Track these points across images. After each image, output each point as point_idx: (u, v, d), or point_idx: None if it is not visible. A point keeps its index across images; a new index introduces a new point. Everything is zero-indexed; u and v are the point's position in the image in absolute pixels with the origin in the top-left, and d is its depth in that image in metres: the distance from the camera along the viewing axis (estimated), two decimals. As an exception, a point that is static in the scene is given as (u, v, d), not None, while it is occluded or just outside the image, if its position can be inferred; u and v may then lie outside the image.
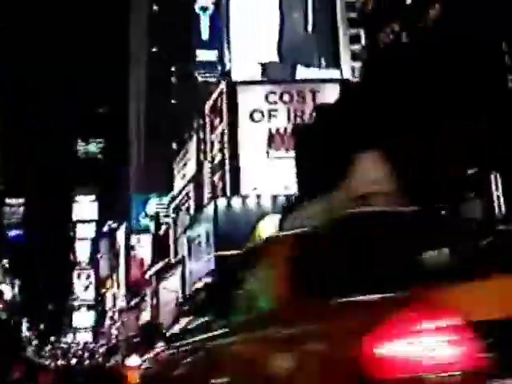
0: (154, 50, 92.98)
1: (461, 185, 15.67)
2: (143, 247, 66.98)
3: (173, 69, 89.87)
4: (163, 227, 57.87)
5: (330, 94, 35.57)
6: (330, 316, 2.44)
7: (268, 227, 36.86)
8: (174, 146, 79.77)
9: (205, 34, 47.12)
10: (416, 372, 2.00)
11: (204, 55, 45.68)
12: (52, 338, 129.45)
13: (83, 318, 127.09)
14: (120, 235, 77.11)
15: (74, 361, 64.78)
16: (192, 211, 46.66)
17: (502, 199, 14.56)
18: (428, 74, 16.40)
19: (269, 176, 38.66)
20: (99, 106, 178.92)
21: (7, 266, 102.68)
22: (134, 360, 18.24)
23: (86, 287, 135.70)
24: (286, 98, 41.77)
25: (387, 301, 2.23)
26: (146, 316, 57.30)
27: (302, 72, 44.73)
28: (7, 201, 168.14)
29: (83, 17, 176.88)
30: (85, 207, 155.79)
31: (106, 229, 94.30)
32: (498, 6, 15.26)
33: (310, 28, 47.62)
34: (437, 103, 16.08)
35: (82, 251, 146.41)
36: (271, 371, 2.59)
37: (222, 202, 38.55)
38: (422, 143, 16.15)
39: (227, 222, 37.32)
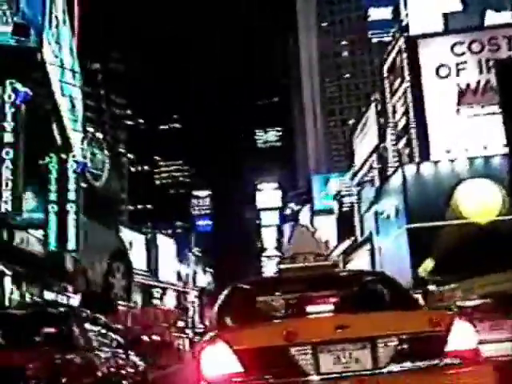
0: (323, 24, 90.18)
1: None
2: (326, 228, 64.69)
3: (344, 42, 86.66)
4: (346, 205, 55.01)
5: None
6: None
7: (466, 194, 32.70)
8: (351, 121, 76.67)
9: (377, -9, 43.28)
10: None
11: (377, 13, 41.87)
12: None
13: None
14: (303, 217, 75.63)
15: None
16: (377, 184, 43.26)
17: None
18: None
19: (462, 137, 34.22)
20: (272, 96, 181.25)
21: (199, 254, 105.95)
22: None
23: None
24: (475, 47, 36.78)
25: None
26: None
27: (491, 17, 39.30)
28: (194, 193, 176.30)
29: (250, 11, 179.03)
30: (268, 195, 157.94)
31: (288, 212, 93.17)
32: None
33: (497, -32, 41.83)
34: None
35: (268, 238, 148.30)
36: None
37: (410, 170, 34.78)
38: None
39: (418, 191, 33.60)
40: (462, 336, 3.81)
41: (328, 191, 64.56)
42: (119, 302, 37.85)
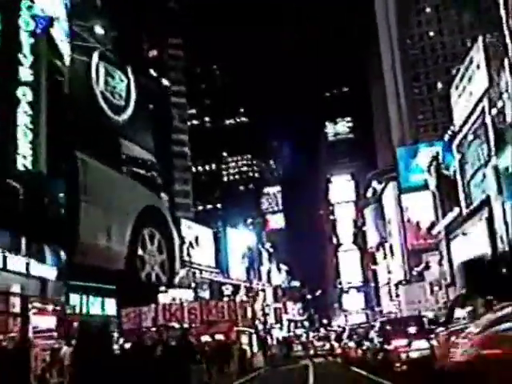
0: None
1: None
2: (416, 207, 55.89)
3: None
4: (445, 174, 45.91)
5: None
6: None
7: None
8: (439, 85, 67.72)
9: None
10: None
11: None
12: (324, 321, 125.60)
13: (353, 300, 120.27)
14: (387, 197, 66.62)
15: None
16: (491, 136, 34.14)
17: None
18: None
19: None
20: (339, 86, 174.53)
21: (271, 250, 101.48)
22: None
23: (353, 268, 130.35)
24: None
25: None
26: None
27: None
28: (264, 190, 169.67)
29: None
30: (341, 188, 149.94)
31: (370, 194, 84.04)
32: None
33: None
34: None
35: (344, 232, 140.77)
36: None
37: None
38: None
39: None
40: None
41: (418, 163, 55.51)
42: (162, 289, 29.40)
